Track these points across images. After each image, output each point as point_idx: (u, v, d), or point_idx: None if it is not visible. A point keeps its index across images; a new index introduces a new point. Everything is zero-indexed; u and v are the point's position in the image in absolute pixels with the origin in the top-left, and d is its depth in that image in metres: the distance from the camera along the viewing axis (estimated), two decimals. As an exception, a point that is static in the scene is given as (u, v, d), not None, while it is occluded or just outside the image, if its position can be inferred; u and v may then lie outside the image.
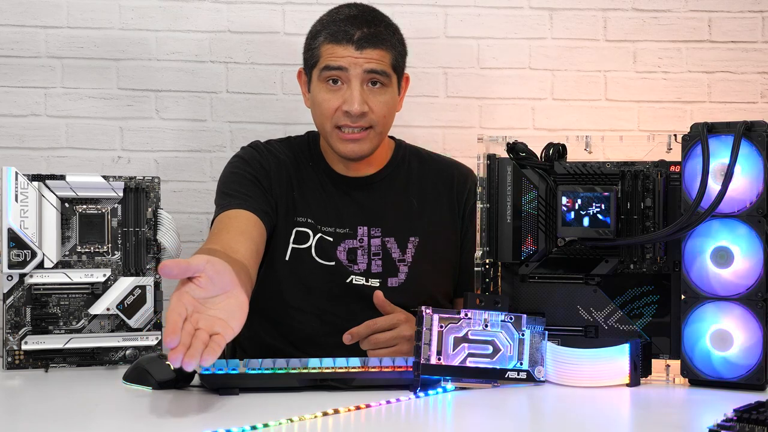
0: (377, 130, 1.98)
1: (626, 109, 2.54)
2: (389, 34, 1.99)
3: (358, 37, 1.94)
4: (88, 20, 2.45)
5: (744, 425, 1.30)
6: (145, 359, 1.67)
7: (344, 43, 1.95)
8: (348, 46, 1.94)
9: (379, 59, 1.96)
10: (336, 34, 1.96)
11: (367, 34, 1.95)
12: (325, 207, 2.04)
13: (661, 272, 1.74)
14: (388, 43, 1.98)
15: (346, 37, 1.95)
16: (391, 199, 2.06)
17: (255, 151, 2.07)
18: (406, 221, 2.04)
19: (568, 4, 2.52)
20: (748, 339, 1.62)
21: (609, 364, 1.64)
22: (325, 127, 1.99)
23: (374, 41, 1.95)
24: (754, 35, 2.53)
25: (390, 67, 1.98)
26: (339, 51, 1.95)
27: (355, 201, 2.05)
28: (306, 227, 2.02)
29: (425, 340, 1.61)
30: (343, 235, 2.02)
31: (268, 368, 1.62)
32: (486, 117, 2.52)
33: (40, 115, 2.45)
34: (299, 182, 2.05)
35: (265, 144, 2.10)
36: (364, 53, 1.94)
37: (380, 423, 1.44)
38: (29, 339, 1.77)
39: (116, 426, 1.45)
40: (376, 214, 2.04)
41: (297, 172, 2.06)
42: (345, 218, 2.03)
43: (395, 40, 2.01)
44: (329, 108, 1.96)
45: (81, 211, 1.82)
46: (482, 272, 1.80)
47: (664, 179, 1.73)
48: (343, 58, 1.94)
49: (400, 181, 2.09)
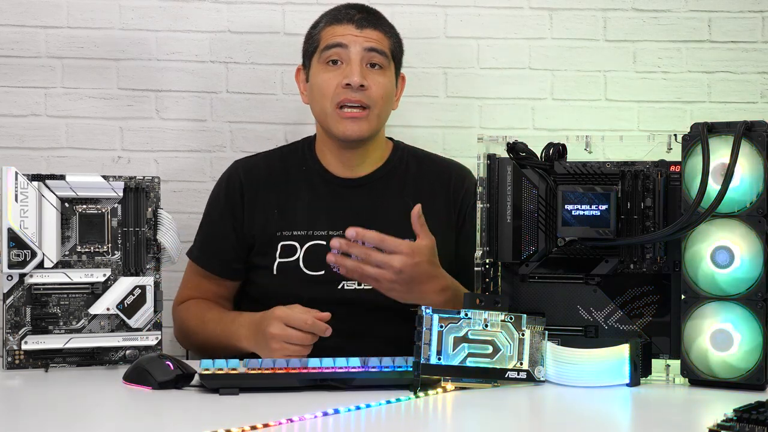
0: (375, 112, 2.00)
1: (626, 109, 2.53)
2: (388, 25, 2.08)
3: (359, 18, 2.02)
4: (88, 20, 2.45)
5: (744, 425, 1.30)
6: (145, 359, 1.67)
7: (345, 22, 2.02)
8: (348, 25, 2.01)
9: (379, 40, 2.02)
10: (336, 16, 2.04)
11: (367, 16, 2.04)
12: (318, 211, 2.04)
13: (661, 272, 1.74)
14: (386, 28, 2.06)
15: (347, 17, 2.02)
16: (387, 200, 2.06)
17: (229, 184, 2.10)
18: (401, 223, 2.03)
19: (568, 4, 2.52)
20: (748, 339, 1.62)
21: (609, 364, 1.64)
22: (326, 108, 2.00)
23: (374, 22, 2.03)
24: (754, 35, 2.53)
25: (389, 50, 2.03)
26: (339, 30, 2.01)
27: (350, 203, 2.05)
28: (292, 240, 2.02)
29: (425, 340, 1.61)
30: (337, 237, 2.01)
31: (268, 368, 1.62)
32: (486, 117, 2.52)
33: (40, 115, 2.45)
34: (288, 193, 2.05)
35: (244, 167, 2.12)
36: (364, 32, 2.01)
37: (380, 423, 1.44)
38: (29, 339, 1.77)
39: (116, 426, 1.45)
40: (370, 216, 2.02)
41: (287, 183, 2.07)
42: (339, 221, 2.02)
43: (393, 32, 2.08)
44: (329, 86, 1.99)
45: (81, 211, 1.82)
46: (482, 272, 1.80)
47: (664, 179, 1.73)
48: (344, 36, 2.00)
49: (397, 182, 2.09)
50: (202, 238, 2.13)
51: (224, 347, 1.93)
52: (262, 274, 2.04)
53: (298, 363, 1.63)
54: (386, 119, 2.07)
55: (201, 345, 2.01)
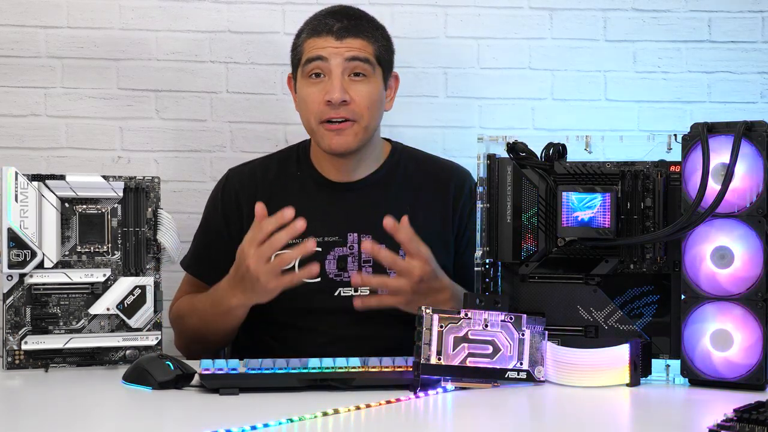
0: (362, 124, 1.98)
1: (626, 109, 2.53)
2: (371, 28, 2.02)
3: (338, 28, 1.97)
4: (88, 20, 2.45)
5: (744, 425, 1.30)
6: (145, 359, 1.67)
7: (324, 34, 1.98)
8: (328, 37, 1.97)
9: (361, 47, 1.98)
10: (316, 27, 2.00)
11: (347, 25, 1.99)
12: (313, 216, 2.02)
13: (661, 272, 1.74)
14: (369, 34, 2.00)
15: (325, 29, 1.98)
16: (383, 203, 2.03)
17: (224, 193, 2.10)
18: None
19: (568, 4, 2.52)
20: (748, 339, 1.62)
21: (609, 364, 1.64)
22: (311, 123, 1.99)
23: (354, 31, 1.98)
24: (754, 35, 2.53)
25: (373, 56, 1.99)
26: (319, 42, 1.98)
27: (345, 207, 2.03)
28: (287, 248, 2.01)
29: (425, 340, 1.61)
30: (333, 243, 2.00)
31: (268, 368, 1.62)
32: (486, 117, 2.52)
33: (40, 115, 2.45)
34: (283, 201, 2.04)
35: (239, 175, 2.11)
36: (344, 42, 1.97)
37: (380, 423, 1.44)
38: (29, 339, 1.77)
39: (116, 426, 1.45)
40: (366, 220, 2.01)
41: (282, 190, 2.06)
42: (334, 225, 2.01)
43: (378, 34, 2.03)
44: (313, 102, 1.97)
45: (81, 211, 1.82)
46: (482, 272, 1.80)
47: (664, 179, 1.73)
48: (323, 48, 1.97)
49: (394, 185, 2.07)
50: (196, 248, 2.12)
51: (217, 319, 1.91)
52: None
53: (298, 363, 1.63)
54: (376, 126, 2.04)
55: (197, 330, 1.98)
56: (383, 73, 2.02)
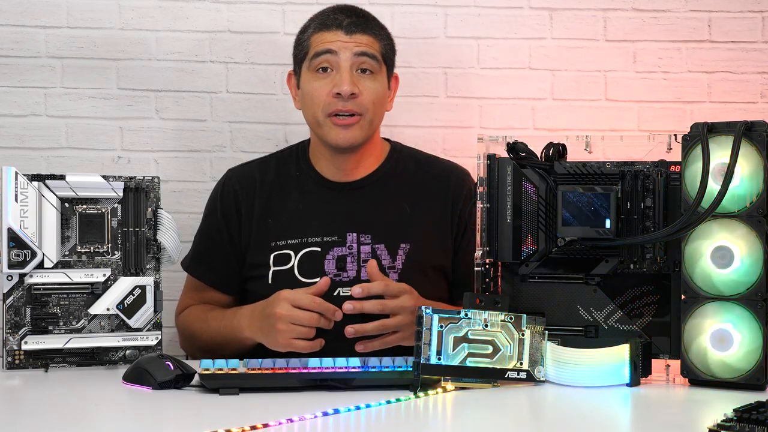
0: (367, 119, 1.98)
1: (626, 109, 2.53)
2: (378, 27, 2.04)
3: (348, 23, 1.99)
4: (88, 20, 2.45)
5: (744, 425, 1.30)
6: (145, 359, 1.67)
7: (333, 28, 1.99)
8: (337, 31, 1.98)
9: (369, 44, 1.99)
10: (325, 22, 2.01)
11: (356, 21, 2.00)
12: (312, 217, 2.02)
13: (661, 272, 1.74)
14: (376, 32, 2.02)
15: (335, 23, 1.99)
16: (383, 204, 2.04)
17: (224, 194, 2.10)
18: (397, 227, 2.02)
19: (568, 4, 2.52)
20: (748, 339, 1.62)
21: (609, 364, 1.64)
22: (318, 117, 1.99)
23: (363, 27, 2.00)
24: (754, 35, 2.53)
25: (380, 54, 2.00)
26: (328, 36, 1.98)
27: (345, 207, 2.03)
28: (286, 249, 2.01)
29: (425, 340, 1.61)
30: (332, 243, 2.00)
31: (268, 368, 1.62)
32: (486, 117, 2.52)
33: (40, 115, 2.45)
34: (282, 201, 2.05)
35: (238, 176, 2.11)
36: (353, 38, 1.98)
37: (380, 423, 1.44)
38: (29, 339, 1.77)
39: (116, 426, 1.45)
40: (365, 220, 2.01)
41: (281, 190, 2.06)
42: (333, 225, 2.01)
43: (384, 33, 2.05)
44: (320, 95, 1.97)
45: (81, 211, 1.82)
46: (482, 272, 1.80)
47: (664, 179, 1.73)
48: (333, 42, 1.97)
49: (393, 185, 2.07)
50: (196, 249, 2.12)
51: (228, 342, 1.93)
52: (257, 283, 2.02)
53: (298, 363, 1.63)
54: (380, 123, 2.05)
55: (206, 345, 2.00)
56: (387, 72, 2.04)
